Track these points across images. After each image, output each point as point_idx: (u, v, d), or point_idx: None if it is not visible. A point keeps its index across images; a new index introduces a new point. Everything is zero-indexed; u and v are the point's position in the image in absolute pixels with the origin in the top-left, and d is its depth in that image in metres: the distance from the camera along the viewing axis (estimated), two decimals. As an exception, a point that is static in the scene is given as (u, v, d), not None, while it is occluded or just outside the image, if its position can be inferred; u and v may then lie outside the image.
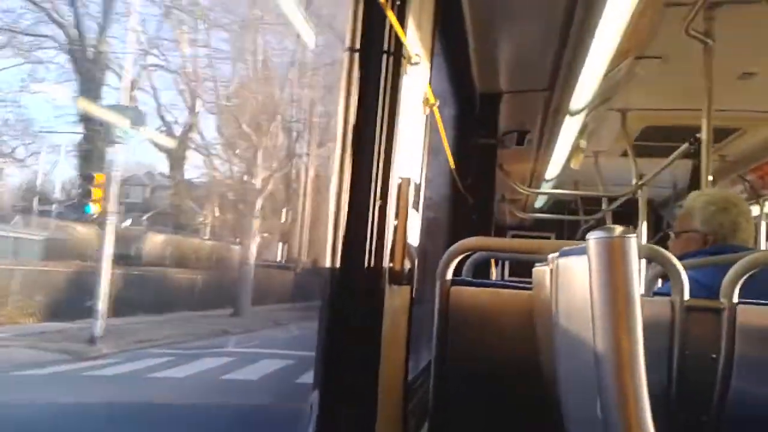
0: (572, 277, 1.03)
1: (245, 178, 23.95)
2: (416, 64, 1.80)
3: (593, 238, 0.82)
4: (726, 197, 2.39)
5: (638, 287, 0.80)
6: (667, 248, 2.11)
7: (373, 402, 1.65)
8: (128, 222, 26.67)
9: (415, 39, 1.85)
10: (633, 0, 2.58)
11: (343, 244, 1.63)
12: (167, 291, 20.98)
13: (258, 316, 20.89)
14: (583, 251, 0.88)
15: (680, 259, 1.82)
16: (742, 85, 3.80)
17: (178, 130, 25.22)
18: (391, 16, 1.63)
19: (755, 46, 3.32)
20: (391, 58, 1.71)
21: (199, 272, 23.60)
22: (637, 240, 0.82)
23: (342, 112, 1.69)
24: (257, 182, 23.07)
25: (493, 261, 5.79)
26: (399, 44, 1.70)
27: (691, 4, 2.75)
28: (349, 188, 1.65)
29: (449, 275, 2.04)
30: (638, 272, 0.83)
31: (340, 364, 1.62)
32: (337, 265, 1.63)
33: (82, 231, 21.83)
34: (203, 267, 24.34)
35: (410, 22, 1.76)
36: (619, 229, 0.82)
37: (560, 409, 1.34)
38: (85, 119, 21.54)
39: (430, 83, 2.13)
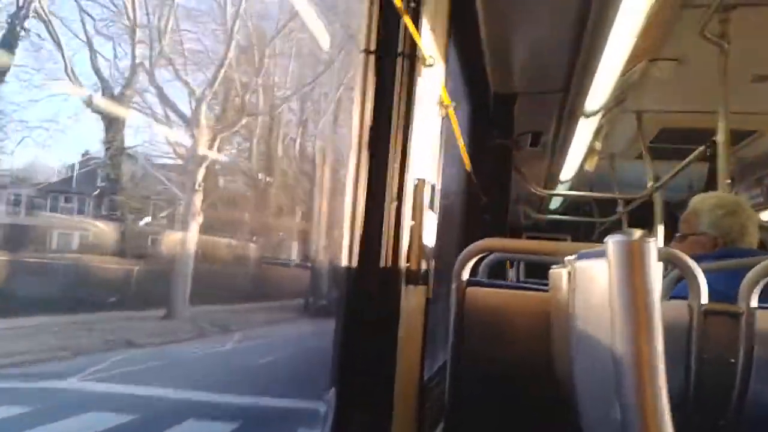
0: (590, 280, 1.03)
1: (183, 141, 19.11)
2: (431, 65, 1.82)
3: (612, 240, 0.82)
4: (734, 201, 2.39)
5: (658, 291, 0.80)
6: None
7: (389, 401, 1.66)
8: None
9: (429, 41, 1.86)
10: (648, 2, 2.58)
11: (360, 244, 1.64)
12: (85, 285, 16.28)
13: (198, 319, 16.22)
14: (601, 254, 0.88)
15: None
16: (758, 88, 3.78)
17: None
18: (406, 19, 1.64)
19: None
20: (406, 60, 1.72)
21: (138, 262, 18.40)
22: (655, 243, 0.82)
23: (358, 114, 1.70)
24: (199, 147, 18.31)
25: (508, 262, 5.78)
26: (414, 46, 1.71)
27: (707, 6, 2.74)
28: (365, 189, 1.66)
29: (465, 276, 2.04)
30: (658, 276, 0.83)
31: (356, 362, 1.64)
32: (354, 265, 1.64)
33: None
34: (142, 255, 19.18)
35: (425, 24, 1.77)
36: (638, 232, 0.82)
37: (576, 411, 1.34)
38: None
39: (444, 85, 2.13)
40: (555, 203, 8.02)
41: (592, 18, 3.00)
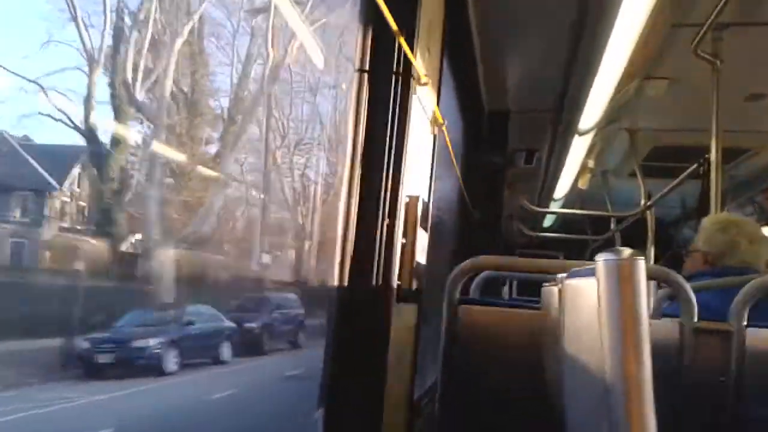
0: (580, 298, 1.03)
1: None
2: (425, 84, 1.82)
3: (602, 259, 0.83)
4: (729, 218, 2.43)
5: (647, 310, 0.80)
6: (675, 268, 2.12)
7: (379, 420, 1.65)
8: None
9: (423, 59, 1.86)
10: (641, 21, 2.60)
11: (351, 262, 1.64)
12: None
13: None
14: (591, 272, 0.88)
15: (686, 279, 1.82)
16: (751, 107, 3.80)
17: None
18: (401, 38, 1.65)
19: (763, 67, 3.32)
20: (400, 79, 1.73)
21: None
22: (646, 261, 0.82)
23: (351, 131, 1.71)
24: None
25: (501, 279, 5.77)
26: (408, 65, 1.72)
27: (699, 25, 2.76)
28: (357, 206, 1.66)
29: (457, 294, 2.03)
30: (647, 294, 0.83)
31: (346, 381, 1.63)
32: (345, 283, 1.64)
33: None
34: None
35: (419, 43, 1.78)
36: (627, 251, 0.82)
37: (567, 430, 1.34)
38: None
39: (438, 103, 2.14)
40: (548, 221, 8.03)
41: (585, 37, 3.01)
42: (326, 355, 1.65)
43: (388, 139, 1.70)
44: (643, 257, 0.82)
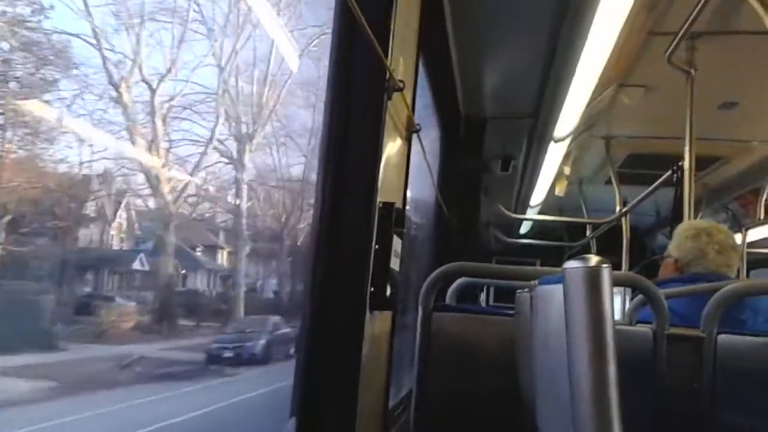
0: (550, 305, 1.02)
1: None
2: (400, 89, 1.81)
3: (569, 266, 0.82)
4: (701, 226, 2.46)
5: (613, 316, 0.80)
6: (651, 277, 2.12)
7: (351, 430, 1.62)
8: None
9: (398, 63, 1.85)
10: (616, 28, 2.61)
11: (324, 268, 1.62)
12: None
13: None
14: (560, 279, 0.87)
15: (658, 285, 1.82)
16: (724, 115, 3.84)
17: None
18: (375, 42, 1.63)
19: (736, 76, 3.36)
20: (375, 83, 1.71)
21: None
22: (621, 268, 0.82)
23: (325, 135, 1.69)
24: None
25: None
26: (383, 69, 1.70)
27: (674, 34, 2.79)
28: (330, 212, 1.64)
29: (432, 301, 2.02)
30: (620, 300, 0.83)
31: (318, 390, 1.60)
32: (317, 289, 1.62)
33: None
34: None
35: (394, 48, 1.77)
36: (595, 258, 0.82)
37: None
38: None
39: (413, 108, 2.13)
40: (525, 227, 8.06)
41: (561, 44, 3.03)
42: (298, 364, 1.62)
43: (361, 143, 1.68)
44: (609, 264, 0.82)
